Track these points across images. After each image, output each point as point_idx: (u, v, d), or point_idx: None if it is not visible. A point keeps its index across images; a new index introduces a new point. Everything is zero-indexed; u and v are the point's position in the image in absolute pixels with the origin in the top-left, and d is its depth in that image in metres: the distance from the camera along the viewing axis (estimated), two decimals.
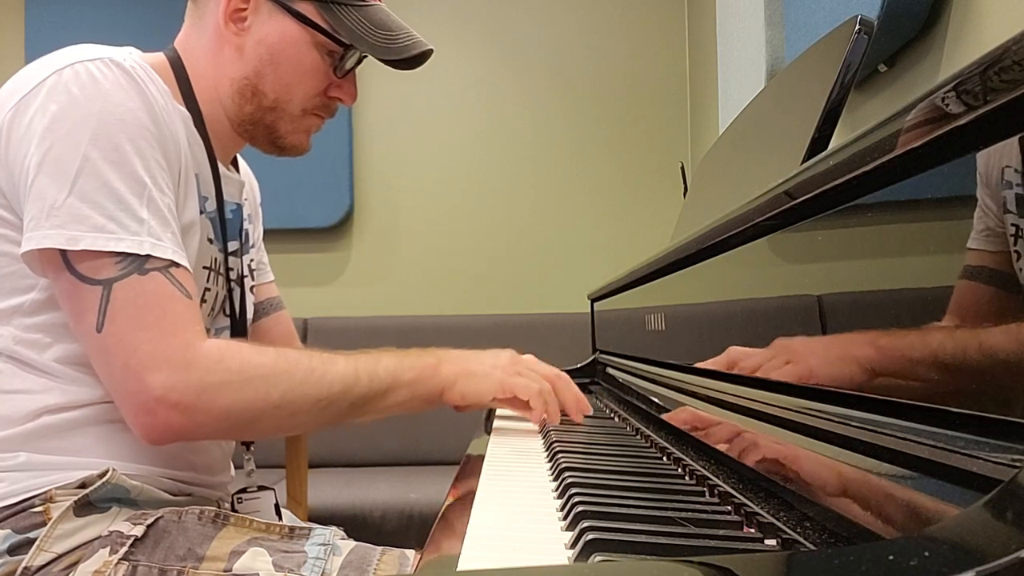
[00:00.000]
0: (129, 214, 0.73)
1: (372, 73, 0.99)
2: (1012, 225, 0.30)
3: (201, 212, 0.86)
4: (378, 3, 0.91)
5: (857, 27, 0.71)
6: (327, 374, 0.80)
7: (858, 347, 0.44)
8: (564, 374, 0.94)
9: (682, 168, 1.52)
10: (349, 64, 0.91)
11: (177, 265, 0.76)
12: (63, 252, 0.72)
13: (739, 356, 0.65)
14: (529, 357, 0.94)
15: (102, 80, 0.75)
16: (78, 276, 0.72)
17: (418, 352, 0.89)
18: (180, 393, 0.73)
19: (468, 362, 0.89)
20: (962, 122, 0.32)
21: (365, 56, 0.91)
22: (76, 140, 0.72)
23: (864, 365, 0.43)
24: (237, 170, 1.00)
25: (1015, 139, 0.30)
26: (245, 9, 0.86)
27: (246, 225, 1.01)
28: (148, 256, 0.73)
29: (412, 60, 0.91)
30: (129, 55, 0.80)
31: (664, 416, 0.85)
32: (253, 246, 1.08)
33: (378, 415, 0.85)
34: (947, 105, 0.33)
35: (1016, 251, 0.30)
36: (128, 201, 0.73)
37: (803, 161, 0.68)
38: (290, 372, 0.78)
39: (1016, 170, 0.30)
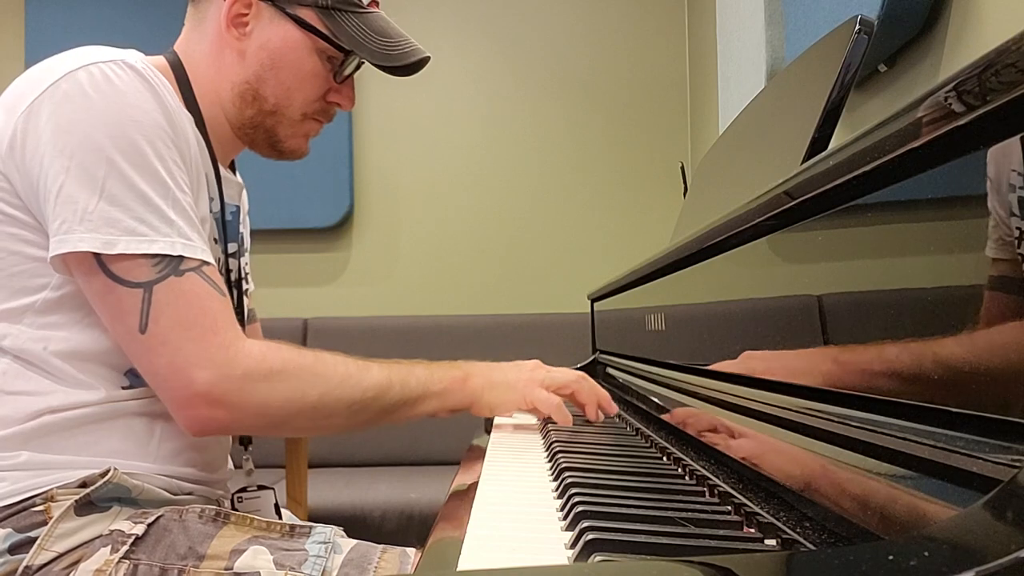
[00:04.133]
0: (159, 216, 0.75)
1: (372, 74, 0.99)
2: (1016, 228, 0.30)
3: (210, 212, 0.87)
4: (378, 10, 0.92)
5: (857, 27, 0.71)
6: (363, 380, 0.83)
7: (858, 347, 0.44)
8: (586, 376, 0.99)
9: (682, 168, 1.52)
10: (348, 70, 0.92)
11: (207, 263, 0.78)
12: (97, 255, 0.73)
13: (739, 356, 0.65)
14: (553, 369, 0.99)
15: (117, 82, 0.75)
16: (115, 279, 0.74)
17: (448, 364, 0.93)
18: (224, 389, 0.76)
19: (493, 375, 0.94)
20: (962, 122, 0.32)
21: (364, 62, 0.92)
22: (98, 144, 0.73)
23: (864, 365, 0.43)
24: (235, 173, 1.01)
25: (1016, 140, 0.30)
26: (247, 14, 0.87)
27: (241, 229, 1.01)
28: (181, 257, 0.75)
29: (410, 67, 0.92)
30: (138, 58, 0.80)
31: (664, 416, 0.85)
32: (247, 250, 1.09)
33: (407, 420, 0.89)
34: (947, 105, 0.33)
35: (1019, 253, 0.30)
36: (156, 203, 0.75)
37: (803, 161, 0.68)
38: (327, 375, 0.81)
39: (1018, 172, 0.30)
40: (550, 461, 0.73)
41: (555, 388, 0.95)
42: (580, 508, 0.50)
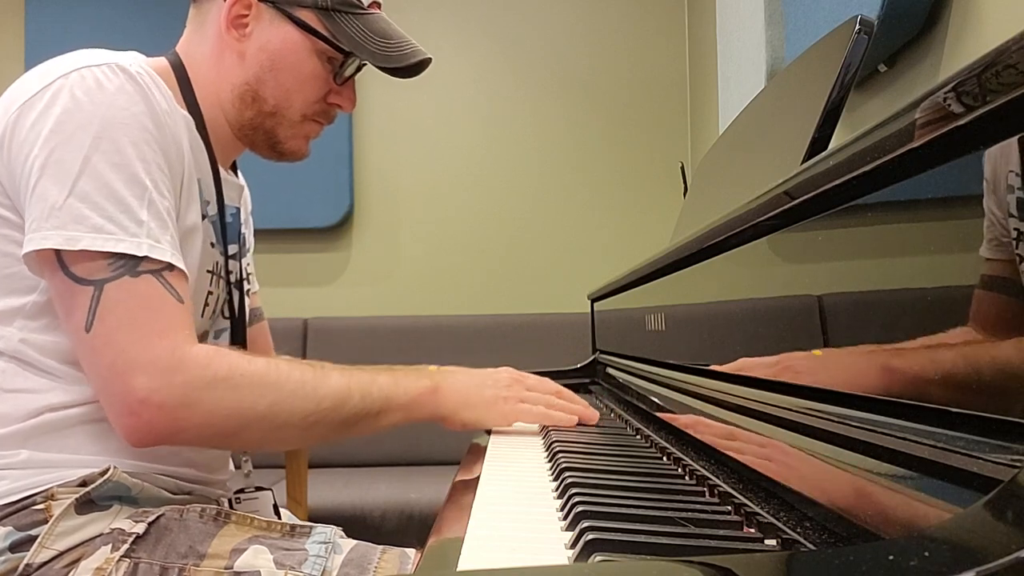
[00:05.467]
0: (129, 215, 0.73)
1: (372, 74, 0.99)
2: (1015, 229, 0.30)
3: (203, 217, 0.87)
4: (378, 11, 0.92)
5: (857, 27, 0.71)
6: (319, 389, 0.79)
7: (858, 347, 0.44)
8: (565, 390, 0.95)
9: (682, 168, 1.52)
10: (349, 71, 0.92)
11: (172, 268, 0.76)
12: (58, 252, 0.72)
13: (740, 356, 0.65)
14: (530, 377, 0.94)
15: (107, 84, 0.75)
16: (71, 276, 0.73)
17: (416, 373, 0.88)
18: (164, 396, 0.72)
19: (466, 390, 0.89)
20: (962, 122, 0.32)
21: (364, 64, 0.92)
22: (79, 143, 0.73)
23: (864, 365, 0.43)
24: (236, 174, 1.01)
25: (1015, 141, 0.30)
26: (247, 15, 0.87)
27: (243, 229, 1.01)
28: (144, 258, 0.73)
29: (411, 69, 0.92)
30: (134, 60, 0.80)
31: (665, 416, 0.85)
32: (249, 250, 1.09)
33: (370, 433, 0.85)
34: (947, 105, 0.33)
35: (1018, 254, 0.30)
36: (128, 203, 0.74)
37: (803, 161, 0.68)
38: (279, 383, 0.78)
39: (1017, 173, 0.30)
40: (550, 461, 0.73)
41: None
42: (580, 508, 0.50)
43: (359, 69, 0.93)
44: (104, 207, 0.73)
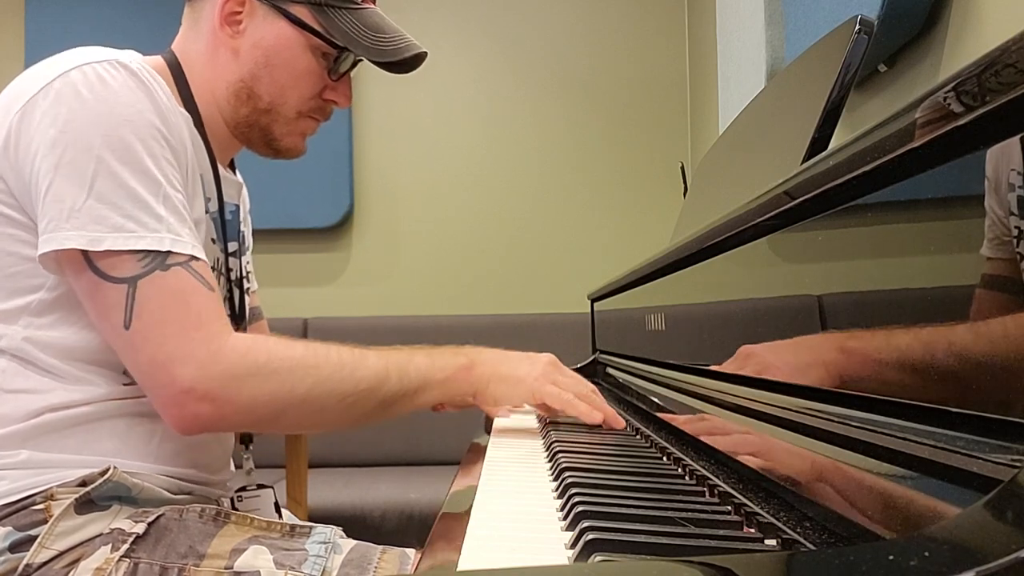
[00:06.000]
0: (148, 212, 0.74)
1: (372, 73, 0.99)
2: (1016, 228, 0.30)
3: (206, 212, 0.87)
4: (372, 6, 0.91)
5: (857, 27, 0.71)
6: (356, 371, 0.80)
7: (858, 347, 0.44)
8: (597, 391, 0.94)
9: (682, 168, 1.52)
10: (344, 67, 0.91)
11: (197, 259, 0.77)
12: (85, 253, 0.73)
13: (740, 356, 0.65)
14: (564, 368, 0.94)
15: (111, 81, 0.75)
16: (101, 275, 0.73)
17: (452, 351, 0.89)
18: (207, 385, 0.74)
19: (500, 365, 0.89)
20: (962, 122, 0.32)
21: (360, 60, 0.91)
22: (88, 142, 0.73)
23: (864, 365, 0.43)
24: (234, 172, 1.01)
25: (1016, 140, 0.30)
26: (240, 12, 0.87)
27: (242, 228, 1.01)
28: (169, 252, 0.74)
29: (406, 63, 0.91)
30: (133, 58, 0.80)
31: (665, 416, 0.85)
32: (249, 249, 1.08)
33: (407, 411, 0.85)
34: (947, 105, 0.33)
35: (1020, 253, 0.30)
36: (145, 200, 0.74)
37: (803, 161, 0.68)
38: (318, 367, 0.79)
39: (1018, 172, 0.30)
40: (550, 461, 0.73)
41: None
42: (580, 508, 0.50)
43: (355, 65, 0.93)
44: (122, 206, 0.73)
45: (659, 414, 0.88)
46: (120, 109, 0.75)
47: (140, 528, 0.73)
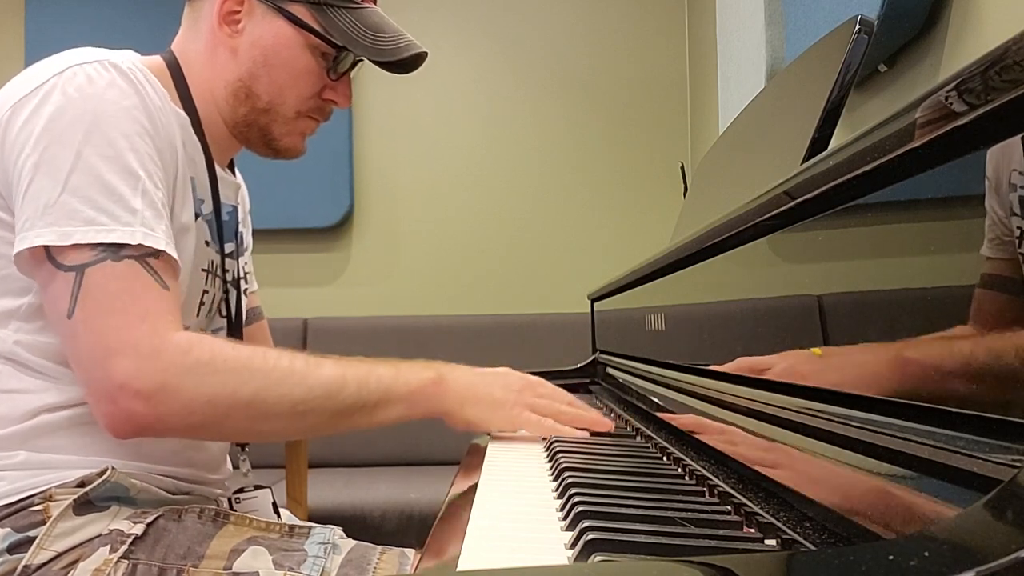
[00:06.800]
0: (122, 205, 0.73)
1: (372, 73, 0.98)
2: (1017, 227, 0.30)
3: (197, 215, 0.86)
4: (372, 5, 0.91)
5: (857, 27, 0.71)
6: (308, 377, 0.77)
7: (858, 347, 0.44)
8: (575, 400, 0.90)
9: (682, 168, 1.52)
10: (343, 66, 0.91)
11: (158, 255, 0.74)
12: (47, 247, 0.72)
13: (740, 356, 0.65)
14: (540, 382, 0.89)
15: (98, 80, 0.75)
16: (55, 264, 0.72)
17: (421, 365, 0.84)
18: (143, 381, 0.70)
19: (475, 387, 0.85)
20: (962, 122, 0.32)
21: (360, 60, 0.91)
22: (70, 139, 0.72)
23: (864, 365, 0.43)
24: (233, 172, 1.00)
25: (1016, 140, 0.30)
26: (239, 11, 0.86)
27: (240, 228, 1.01)
28: (126, 244, 0.72)
29: (406, 63, 0.91)
30: (127, 58, 0.80)
31: (665, 416, 0.85)
32: (247, 250, 1.08)
33: (369, 426, 0.81)
34: (947, 105, 0.33)
35: (1021, 253, 0.30)
36: (121, 192, 0.73)
37: (803, 161, 0.68)
38: (265, 370, 0.75)
39: (1019, 172, 0.30)
40: (550, 461, 0.73)
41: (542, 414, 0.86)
42: (580, 508, 0.50)
43: (355, 64, 0.92)
44: (96, 199, 0.72)
45: (659, 414, 0.88)
46: (105, 106, 0.74)
47: (139, 529, 0.73)
